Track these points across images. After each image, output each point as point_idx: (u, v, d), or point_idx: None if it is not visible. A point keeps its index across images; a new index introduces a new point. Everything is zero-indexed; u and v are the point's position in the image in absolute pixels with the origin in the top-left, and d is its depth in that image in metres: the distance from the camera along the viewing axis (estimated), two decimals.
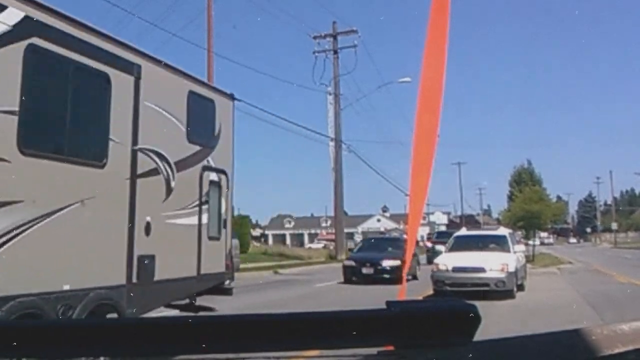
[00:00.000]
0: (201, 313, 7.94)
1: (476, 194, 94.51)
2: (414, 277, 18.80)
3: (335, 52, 34.19)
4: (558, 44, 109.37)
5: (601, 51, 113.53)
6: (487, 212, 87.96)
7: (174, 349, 0.85)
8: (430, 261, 27.43)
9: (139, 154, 6.54)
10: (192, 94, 7.73)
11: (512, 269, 13.99)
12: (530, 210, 33.67)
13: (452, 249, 15.67)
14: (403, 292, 2.73)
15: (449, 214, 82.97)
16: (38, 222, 5.14)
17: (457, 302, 0.89)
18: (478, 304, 0.93)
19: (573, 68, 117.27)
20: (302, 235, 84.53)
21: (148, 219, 6.64)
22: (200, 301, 8.18)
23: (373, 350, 0.87)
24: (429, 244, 33.50)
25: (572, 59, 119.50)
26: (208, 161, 7.93)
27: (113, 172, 6.16)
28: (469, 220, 67.66)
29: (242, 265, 27.19)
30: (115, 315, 5.64)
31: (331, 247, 40.21)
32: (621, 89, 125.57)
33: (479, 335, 0.87)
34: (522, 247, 17.69)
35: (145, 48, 6.86)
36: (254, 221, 75.54)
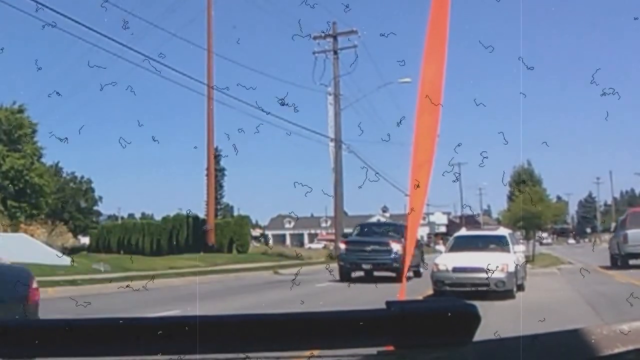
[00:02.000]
0: (203, 313, 7.92)
1: (476, 194, 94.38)
2: None
3: (335, 52, 34.21)
4: (558, 42, 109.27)
5: (601, 50, 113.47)
6: (487, 212, 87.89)
7: (174, 349, 0.85)
8: (345, 277, 18.87)
9: None
10: None
11: (512, 269, 13.99)
12: (530, 210, 33.69)
13: (452, 249, 15.68)
14: (403, 292, 2.73)
15: (449, 214, 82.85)
16: None
17: (457, 302, 0.89)
18: (478, 304, 0.93)
19: (573, 67, 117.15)
20: (302, 235, 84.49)
21: None
22: None
23: (373, 350, 0.87)
24: (342, 246, 20.54)
25: (573, 58, 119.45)
26: None
27: None
28: (469, 220, 67.58)
29: (242, 266, 27.16)
30: None
31: (331, 247, 40.24)
32: (621, 88, 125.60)
33: (479, 335, 0.87)
34: (522, 247, 17.70)
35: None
36: (254, 221, 75.59)
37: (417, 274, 19.62)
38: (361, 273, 19.54)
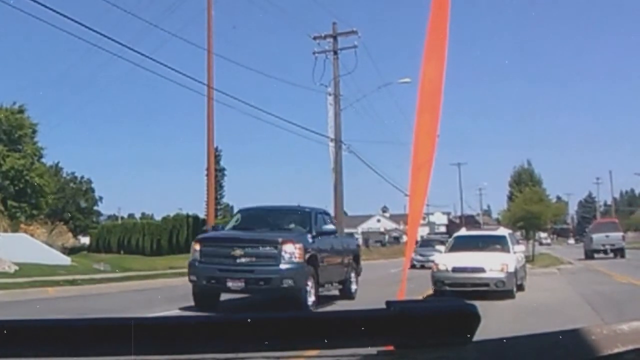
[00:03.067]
0: (201, 313, 7.91)
1: (476, 194, 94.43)
2: None
3: (335, 52, 34.21)
4: (558, 42, 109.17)
5: (601, 50, 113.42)
6: (487, 212, 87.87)
7: (173, 349, 0.85)
8: (202, 303, 10.85)
9: None
10: None
11: (511, 269, 14.00)
12: (530, 210, 33.73)
13: (452, 249, 15.68)
14: (403, 292, 2.73)
15: (449, 214, 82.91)
16: None
17: (457, 302, 0.90)
18: (478, 304, 0.93)
19: (573, 67, 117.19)
20: None
21: None
22: None
23: (373, 350, 0.87)
24: (196, 249, 11.69)
25: (573, 58, 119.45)
26: None
27: None
28: (469, 221, 67.59)
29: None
30: None
31: None
32: (621, 88, 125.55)
33: (479, 335, 0.87)
34: (522, 247, 17.72)
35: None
36: None
37: (346, 294, 13.27)
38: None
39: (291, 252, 10.87)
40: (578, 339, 0.89)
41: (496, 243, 15.57)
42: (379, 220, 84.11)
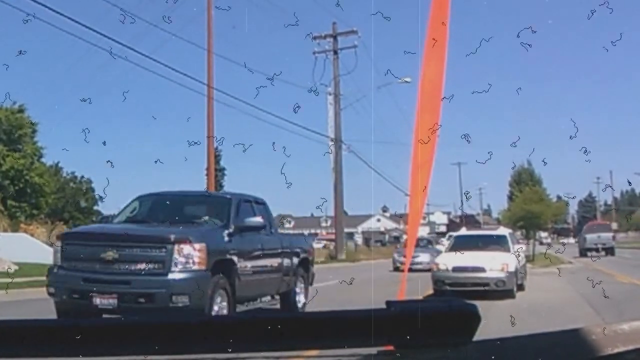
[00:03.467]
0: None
1: (476, 194, 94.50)
2: None
3: (335, 52, 34.22)
4: (558, 43, 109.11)
5: (601, 50, 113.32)
6: (487, 212, 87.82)
7: (173, 349, 0.85)
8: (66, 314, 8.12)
9: None
10: None
11: (512, 268, 14.01)
12: (531, 210, 33.74)
13: (452, 248, 15.69)
14: (403, 292, 2.73)
15: (449, 214, 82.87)
16: None
17: (457, 302, 0.90)
18: (478, 304, 0.93)
19: (573, 67, 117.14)
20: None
21: None
22: None
23: (373, 350, 0.87)
24: (58, 247, 8.63)
25: (572, 58, 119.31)
26: None
27: None
28: (469, 220, 67.58)
29: None
30: None
31: (331, 247, 40.22)
32: (621, 88, 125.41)
33: (479, 335, 0.87)
34: (522, 247, 17.75)
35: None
36: None
37: (290, 310, 10.44)
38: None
39: (187, 255, 7.85)
40: (578, 339, 0.89)
41: (496, 243, 15.57)
42: (379, 220, 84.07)
